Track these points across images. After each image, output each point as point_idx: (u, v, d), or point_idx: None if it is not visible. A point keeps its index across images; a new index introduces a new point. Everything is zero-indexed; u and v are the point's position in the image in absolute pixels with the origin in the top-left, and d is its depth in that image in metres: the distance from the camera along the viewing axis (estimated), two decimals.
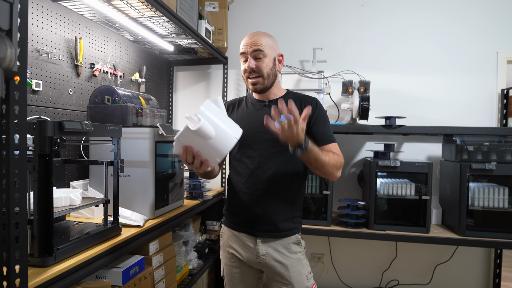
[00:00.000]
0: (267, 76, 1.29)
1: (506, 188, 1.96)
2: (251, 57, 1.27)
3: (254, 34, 1.30)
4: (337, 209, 2.22)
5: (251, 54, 1.27)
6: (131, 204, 1.55)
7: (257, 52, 1.26)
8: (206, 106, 1.07)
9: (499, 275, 2.37)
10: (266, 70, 1.29)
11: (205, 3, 2.44)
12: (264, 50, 1.27)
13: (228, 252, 1.39)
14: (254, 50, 1.26)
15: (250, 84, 1.31)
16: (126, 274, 1.39)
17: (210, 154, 1.08)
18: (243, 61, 1.31)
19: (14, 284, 0.76)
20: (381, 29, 2.52)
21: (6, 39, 0.70)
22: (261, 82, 1.29)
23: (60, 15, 1.62)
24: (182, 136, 1.05)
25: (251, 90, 1.35)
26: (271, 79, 1.32)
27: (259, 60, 1.27)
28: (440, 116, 2.44)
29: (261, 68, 1.27)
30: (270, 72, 1.30)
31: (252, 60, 1.27)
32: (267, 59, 1.29)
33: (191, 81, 2.85)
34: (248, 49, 1.27)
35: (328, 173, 1.22)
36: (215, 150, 1.07)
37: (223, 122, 1.09)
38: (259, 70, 1.28)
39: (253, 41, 1.27)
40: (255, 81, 1.29)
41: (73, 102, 1.72)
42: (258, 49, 1.26)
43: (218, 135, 1.05)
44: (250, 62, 1.27)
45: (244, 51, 1.29)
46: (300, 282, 1.29)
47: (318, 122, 1.30)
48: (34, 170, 0.97)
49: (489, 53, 2.38)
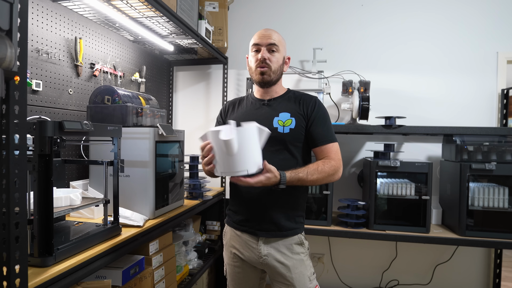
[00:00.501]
0: (275, 70, 1.32)
1: (506, 188, 1.96)
2: (265, 49, 1.30)
3: (269, 29, 1.34)
4: (337, 209, 2.22)
5: (266, 46, 1.30)
6: (131, 204, 1.55)
7: (271, 45, 1.30)
8: (249, 129, 1.10)
9: (499, 275, 2.37)
10: (276, 65, 1.32)
11: (205, 3, 2.44)
12: (278, 45, 1.31)
13: (231, 252, 1.39)
14: (269, 43, 1.30)
15: (258, 73, 1.32)
16: (126, 274, 1.39)
17: (219, 164, 1.12)
18: (254, 52, 1.33)
19: (14, 284, 0.76)
20: (381, 29, 2.52)
21: (6, 39, 0.70)
22: (268, 73, 1.31)
23: (60, 15, 1.62)
24: (211, 135, 1.11)
25: (257, 81, 1.34)
26: (277, 75, 1.34)
27: (272, 53, 1.31)
28: (440, 116, 2.44)
29: (272, 61, 1.31)
30: (279, 68, 1.33)
31: (266, 52, 1.30)
32: (280, 55, 1.33)
33: (191, 81, 2.85)
34: (263, 41, 1.30)
35: (324, 182, 1.25)
36: (224, 165, 1.11)
37: (248, 151, 1.09)
38: (270, 63, 1.30)
39: (269, 34, 1.31)
40: (264, 70, 1.30)
41: (73, 102, 1.72)
42: (273, 43, 1.30)
43: (235, 158, 1.08)
44: (264, 52, 1.30)
45: (259, 43, 1.31)
46: (302, 283, 1.28)
47: (316, 121, 1.30)
48: (34, 170, 0.97)
49: (489, 53, 2.38)
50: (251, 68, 1.35)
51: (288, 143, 1.28)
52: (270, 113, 1.32)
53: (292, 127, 1.28)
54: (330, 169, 1.23)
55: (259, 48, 1.31)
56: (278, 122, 1.29)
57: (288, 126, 1.28)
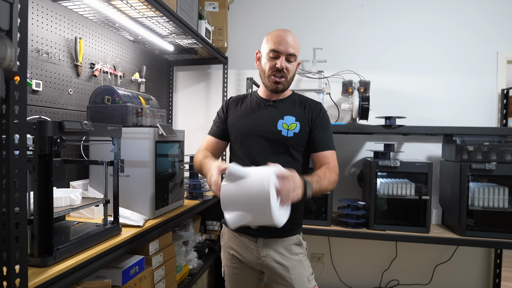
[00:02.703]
0: (289, 79, 1.30)
1: (506, 188, 1.96)
2: (284, 57, 1.25)
3: (288, 32, 1.27)
4: (337, 209, 2.22)
5: (285, 55, 1.25)
6: (131, 204, 1.55)
7: (292, 56, 1.26)
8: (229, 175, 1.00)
9: (499, 275, 2.37)
10: (292, 74, 1.30)
11: (205, 3, 2.44)
12: (296, 54, 1.28)
13: (229, 253, 1.38)
14: (290, 53, 1.25)
15: (272, 82, 1.28)
16: (126, 274, 1.39)
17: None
18: (272, 58, 1.27)
19: (14, 284, 0.76)
20: (381, 29, 2.52)
21: (6, 39, 0.70)
22: (283, 83, 1.29)
23: (60, 15, 1.62)
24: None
25: (270, 88, 1.31)
26: (290, 83, 1.33)
27: (290, 63, 1.27)
28: (440, 116, 2.44)
29: (290, 71, 1.28)
30: (292, 77, 1.32)
31: (285, 61, 1.26)
32: (295, 63, 1.30)
33: (191, 81, 2.85)
34: (284, 49, 1.24)
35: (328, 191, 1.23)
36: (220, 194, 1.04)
37: (240, 202, 1.00)
38: (287, 72, 1.27)
39: (290, 42, 1.25)
40: (280, 80, 1.28)
41: (73, 102, 1.72)
42: (293, 54, 1.26)
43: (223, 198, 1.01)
44: (283, 62, 1.25)
45: (278, 50, 1.24)
46: (301, 283, 1.28)
47: (319, 127, 1.30)
48: (34, 170, 0.97)
49: (489, 53, 2.38)
50: (264, 71, 1.30)
51: (290, 147, 1.28)
52: (275, 114, 1.31)
53: (296, 131, 1.28)
54: (335, 178, 1.23)
55: (278, 55, 1.25)
56: (283, 125, 1.29)
57: (293, 130, 1.28)
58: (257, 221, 1.01)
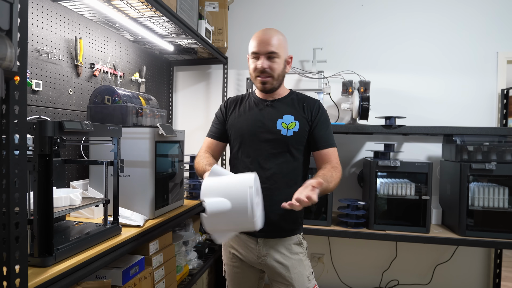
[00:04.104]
0: (277, 77, 1.28)
1: (506, 188, 1.96)
2: (264, 57, 1.24)
3: (267, 32, 1.26)
4: (337, 209, 2.22)
5: (264, 55, 1.24)
6: (131, 204, 1.55)
7: (272, 53, 1.24)
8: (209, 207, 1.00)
9: (499, 275, 2.37)
10: (278, 71, 1.27)
11: (205, 3, 2.44)
12: (277, 51, 1.24)
13: (230, 252, 1.39)
14: (268, 52, 1.24)
15: (259, 83, 1.29)
16: (126, 274, 1.39)
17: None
18: (253, 59, 1.27)
19: (14, 284, 0.76)
20: (381, 29, 2.52)
21: (6, 39, 0.70)
22: (270, 82, 1.28)
23: (60, 15, 1.61)
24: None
25: (259, 89, 1.33)
26: (280, 80, 1.31)
27: (271, 60, 1.25)
28: (440, 116, 2.44)
29: (274, 69, 1.26)
30: (281, 73, 1.29)
31: (265, 60, 1.24)
32: (280, 60, 1.26)
33: (191, 81, 2.85)
34: (262, 49, 1.24)
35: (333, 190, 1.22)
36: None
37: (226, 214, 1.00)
38: (271, 71, 1.26)
39: (267, 40, 1.23)
40: (265, 80, 1.27)
41: (73, 102, 1.72)
42: (272, 51, 1.24)
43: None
44: (263, 62, 1.24)
45: (257, 51, 1.25)
46: (301, 283, 1.28)
47: (320, 125, 1.30)
48: (34, 170, 0.96)
49: (489, 53, 2.38)
50: (251, 74, 1.31)
51: (290, 146, 1.28)
52: (273, 114, 1.31)
53: (296, 130, 1.28)
54: (339, 177, 1.23)
55: (258, 57, 1.25)
56: (282, 125, 1.29)
57: (292, 129, 1.28)
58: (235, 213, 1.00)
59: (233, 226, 1.05)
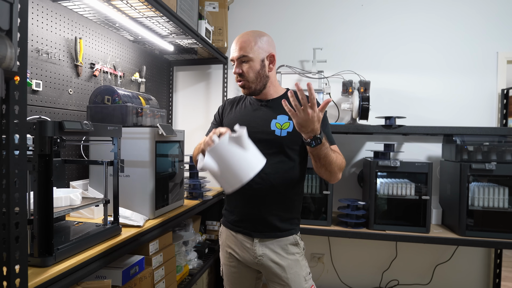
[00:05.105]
0: (254, 79, 1.28)
1: (506, 188, 1.96)
2: (237, 62, 1.28)
3: (239, 37, 1.29)
4: (337, 209, 2.22)
5: (237, 60, 1.28)
6: (131, 204, 1.55)
7: (242, 57, 1.26)
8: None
9: (499, 275, 2.37)
10: (252, 74, 1.27)
11: (205, 3, 2.44)
12: (248, 54, 1.25)
13: (227, 252, 1.39)
14: (239, 56, 1.26)
15: (240, 86, 1.32)
16: (126, 274, 1.39)
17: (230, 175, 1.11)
18: (233, 65, 1.33)
19: (14, 284, 0.76)
20: (381, 29, 2.52)
21: (6, 39, 0.70)
22: (247, 85, 1.29)
23: (60, 15, 1.62)
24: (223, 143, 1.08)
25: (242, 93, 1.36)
26: (261, 81, 1.29)
27: (244, 64, 1.27)
28: (440, 116, 2.44)
29: (245, 73, 1.27)
30: (258, 75, 1.28)
31: (238, 65, 1.28)
32: (254, 62, 1.26)
33: (191, 81, 2.85)
34: (234, 55, 1.28)
35: (333, 172, 1.20)
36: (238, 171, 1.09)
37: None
38: (244, 74, 1.27)
39: (239, 46, 1.26)
40: (242, 84, 1.30)
41: (73, 102, 1.72)
42: (242, 55, 1.26)
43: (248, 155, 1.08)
44: (236, 67, 1.28)
45: (231, 58, 1.30)
46: (298, 283, 1.28)
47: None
48: (34, 170, 0.97)
49: (489, 53, 2.38)
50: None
51: (285, 146, 1.27)
52: (268, 115, 1.31)
53: (290, 130, 1.27)
54: (342, 161, 1.23)
55: (234, 63, 1.30)
56: (276, 125, 1.28)
57: (286, 129, 1.27)
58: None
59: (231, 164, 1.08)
